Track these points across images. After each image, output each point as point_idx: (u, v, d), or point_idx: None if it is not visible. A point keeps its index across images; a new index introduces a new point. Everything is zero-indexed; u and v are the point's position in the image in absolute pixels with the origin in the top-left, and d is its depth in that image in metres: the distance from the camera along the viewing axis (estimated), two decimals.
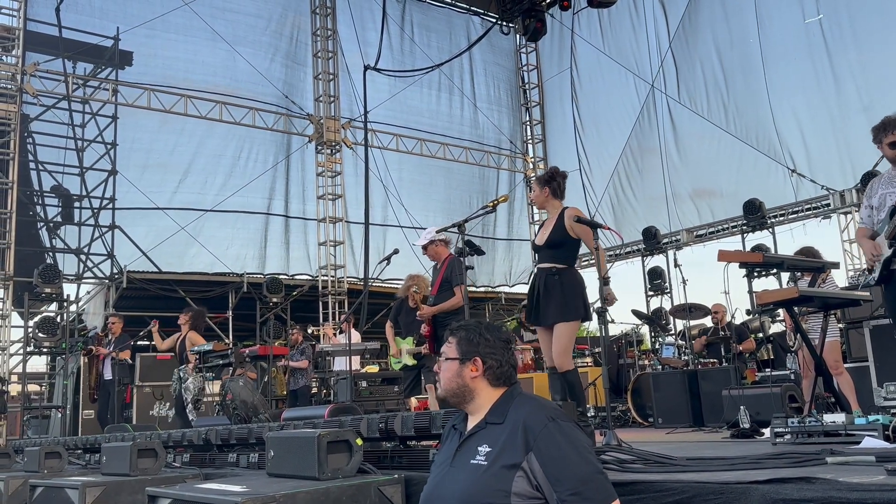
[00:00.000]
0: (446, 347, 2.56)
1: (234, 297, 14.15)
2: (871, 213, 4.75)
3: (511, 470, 2.20)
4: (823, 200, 13.54)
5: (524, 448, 2.21)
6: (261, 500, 2.87)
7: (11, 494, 5.03)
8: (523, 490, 2.18)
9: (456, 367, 2.48)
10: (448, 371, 2.50)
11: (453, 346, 2.53)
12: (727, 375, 7.84)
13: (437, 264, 6.75)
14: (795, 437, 4.02)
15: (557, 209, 5.33)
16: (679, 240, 15.47)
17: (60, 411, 11.62)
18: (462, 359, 2.48)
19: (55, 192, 13.56)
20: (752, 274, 5.26)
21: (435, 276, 6.69)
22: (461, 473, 2.32)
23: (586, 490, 2.13)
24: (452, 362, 2.50)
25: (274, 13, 16.04)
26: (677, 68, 15.93)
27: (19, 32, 13.04)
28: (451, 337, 2.57)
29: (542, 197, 5.41)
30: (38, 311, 12.84)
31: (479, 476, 2.25)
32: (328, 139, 16.04)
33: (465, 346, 2.50)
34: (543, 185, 5.42)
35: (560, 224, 5.21)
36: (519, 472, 2.19)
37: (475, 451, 2.32)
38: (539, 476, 2.17)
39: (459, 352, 2.50)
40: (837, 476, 2.42)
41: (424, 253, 6.76)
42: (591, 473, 2.18)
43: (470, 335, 2.51)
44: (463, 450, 2.38)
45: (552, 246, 5.21)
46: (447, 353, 2.53)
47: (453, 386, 2.48)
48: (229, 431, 5.13)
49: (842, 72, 13.29)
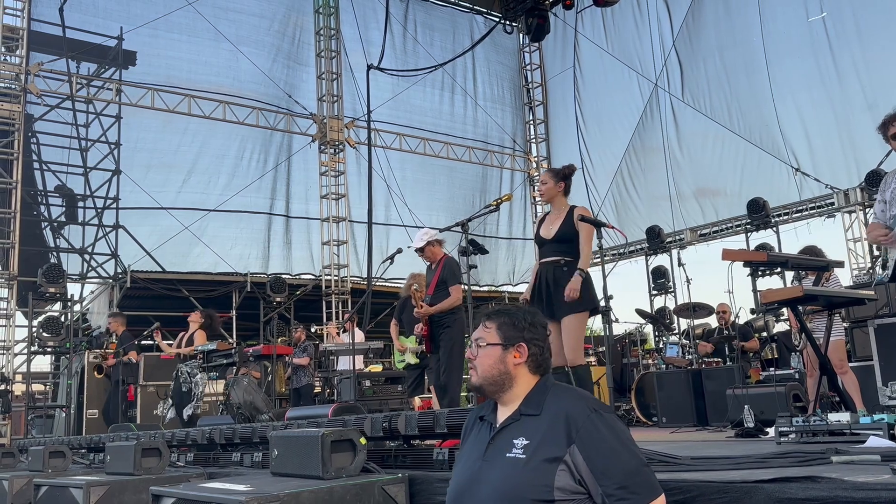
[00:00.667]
0: (483, 332, 2.40)
1: (238, 297, 14.17)
2: (884, 208, 4.72)
3: (553, 463, 2.11)
4: (827, 199, 13.51)
5: (566, 440, 2.12)
6: (265, 500, 2.87)
7: (16, 494, 5.05)
8: (566, 484, 2.10)
9: (498, 353, 2.34)
10: (489, 357, 2.35)
11: (492, 330, 2.38)
12: (731, 374, 7.84)
13: (431, 265, 6.73)
14: (800, 436, 4.01)
15: (564, 205, 5.41)
16: (683, 239, 15.44)
17: (64, 411, 11.64)
18: (505, 344, 2.35)
19: (59, 191, 13.58)
20: (757, 273, 5.26)
21: (430, 276, 6.68)
22: (496, 468, 2.21)
23: (633, 484, 2.06)
24: (494, 348, 2.35)
25: (277, 13, 16.05)
26: (681, 67, 15.91)
27: (23, 32, 13.05)
28: (488, 322, 2.41)
29: (556, 191, 5.45)
30: (42, 310, 12.87)
31: (518, 470, 2.15)
32: (331, 139, 16.05)
33: (510, 330, 2.36)
34: (560, 179, 5.47)
35: (570, 220, 5.29)
36: (561, 465, 2.10)
37: (510, 444, 2.22)
38: (583, 470, 2.09)
39: (502, 337, 2.36)
40: (842, 475, 2.41)
41: (421, 255, 6.73)
42: (638, 466, 2.10)
43: (514, 320, 2.38)
44: (496, 442, 2.27)
45: (562, 240, 5.27)
46: (486, 338, 2.38)
47: (494, 373, 2.34)
48: (233, 431, 5.14)
49: (846, 70, 13.25)
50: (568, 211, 5.35)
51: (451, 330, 6.37)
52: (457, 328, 6.41)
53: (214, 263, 14.36)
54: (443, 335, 6.39)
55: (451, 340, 6.36)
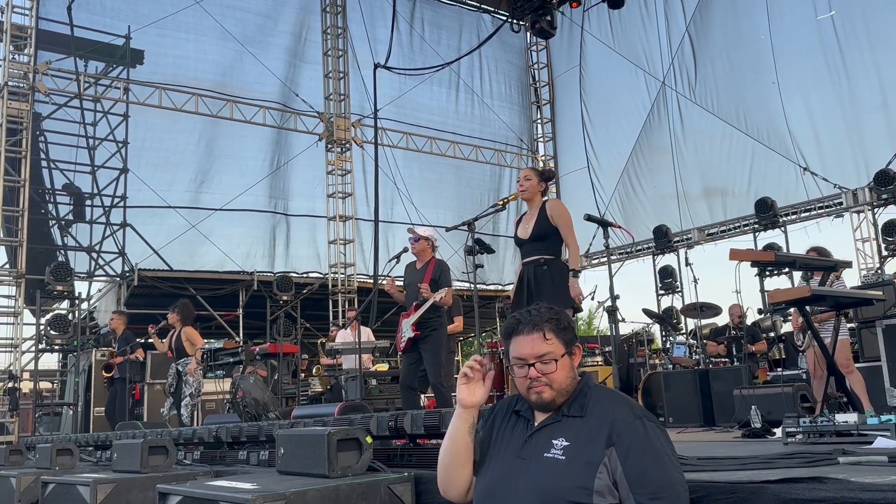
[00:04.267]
0: (544, 346, 2.19)
1: (245, 295, 14.20)
2: None
3: (593, 467, 2.05)
4: (836, 199, 13.43)
5: (606, 443, 2.06)
6: (271, 498, 2.87)
7: (24, 491, 5.07)
8: (604, 488, 2.04)
9: (568, 362, 2.20)
10: (563, 369, 2.18)
11: (553, 340, 2.19)
12: (738, 375, 7.80)
13: (417, 262, 6.61)
14: (807, 436, 4.00)
15: (539, 204, 5.49)
16: (690, 238, 15.40)
17: (72, 408, 11.70)
18: (568, 350, 2.21)
19: (67, 190, 13.63)
20: (764, 273, 5.23)
21: (415, 275, 6.53)
22: (534, 467, 2.13)
23: (667, 496, 1.99)
24: (564, 359, 2.19)
25: (284, 12, 16.09)
26: (687, 66, 15.86)
27: (31, 31, 13.10)
28: (546, 332, 2.20)
29: (538, 190, 5.54)
30: (49, 308, 12.91)
31: (558, 472, 2.08)
32: (338, 137, 16.06)
33: (566, 335, 2.21)
34: (543, 179, 5.58)
35: (542, 216, 5.36)
36: (600, 469, 2.04)
37: (549, 443, 2.14)
38: (618, 474, 2.03)
39: (563, 343, 2.20)
40: (849, 476, 2.40)
41: (413, 244, 6.56)
42: (672, 480, 2.03)
43: (562, 322, 2.22)
44: (533, 441, 2.19)
45: (538, 238, 5.34)
46: (553, 351, 2.18)
47: (569, 383, 2.20)
48: (240, 429, 5.16)
49: (854, 69, 13.19)
50: (540, 207, 5.42)
51: (437, 332, 6.26)
52: (443, 330, 6.37)
53: (221, 262, 14.40)
54: (429, 336, 6.23)
55: (439, 342, 6.26)
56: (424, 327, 6.26)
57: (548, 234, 5.31)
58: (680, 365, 9.82)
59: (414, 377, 6.35)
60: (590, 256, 17.29)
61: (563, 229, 5.33)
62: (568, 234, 5.32)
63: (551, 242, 5.33)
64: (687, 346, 10.34)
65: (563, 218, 5.34)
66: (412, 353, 6.32)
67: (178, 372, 8.62)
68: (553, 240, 5.34)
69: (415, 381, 6.37)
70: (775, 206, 13.35)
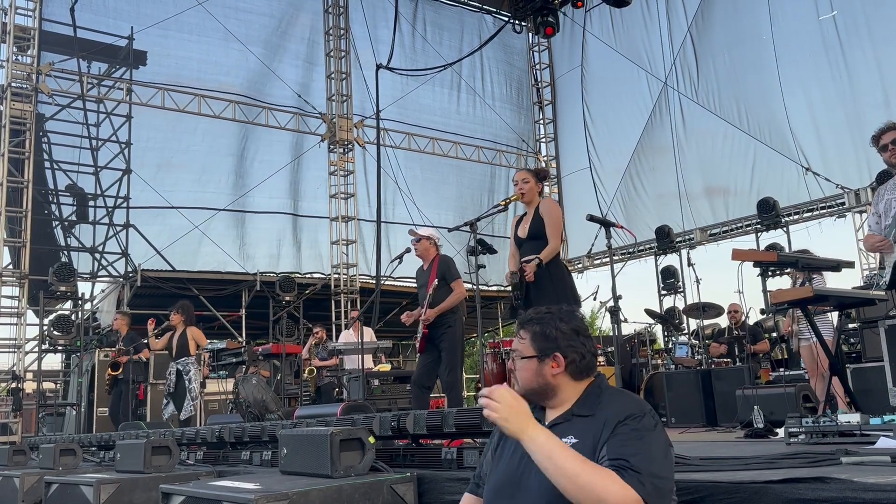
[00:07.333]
0: (519, 343, 2.29)
1: (247, 296, 14.20)
2: (878, 220, 4.76)
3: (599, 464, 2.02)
4: (838, 199, 13.40)
5: (609, 438, 2.06)
6: (274, 498, 2.88)
7: (27, 491, 5.08)
8: None
9: (534, 365, 2.24)
10: (526, 370, 2.25)
11: (527, 342, 2.27)
12: (741, 375, 7.80)
13: (423, 266, 6.58)
14: (809, 436, 4.00)
15: (536, 204, 5.57)
16: (692, 238, 15.38)
17: (75, 409, 11.72)
18: (540, 356, 2.23)
19: (70, 191, 13.65)
20: (767, 273, 5.24)
21: (424, 276, 6.49)
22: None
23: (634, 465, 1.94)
24: (529, 361, 2.24)
25: (286, 12, 16.11)
26: (689, 65, 15.85)
27: (34, 32, 13.13)
28: (522, 332, 2.29)
29: (536, 190, 5.62)
30: (53, 309, 12.94)
31: None
32: (340, 138, 16.07)
33: (542, 341, 2.24)
34: (539, 180, 5.68)
35: (538, 216, 5.45)
36: (604, 463, 2.02)
37: None
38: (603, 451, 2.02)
39: (536, 348, 2.24)
40: (852, 476, 2.40)
41: (415, 245, 6.53)
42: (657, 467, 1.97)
43: (545, 329, 2.25)
44: None
45: (534, 237, 5.40)
46: (521, 350, 2.27)
47: (534, 385, 2.24)
48: (242, 429, 5.16)
49: (857, 68, 13.16)
50: (536, 207, 5.50)
51: (453, 329, 6.19)
52: (458, 327, 6.28)
53: (224, 262, 14.42)
54: (445, 335, 6.18)
55: (455, 340, 6.21)
56: (439, 325, 6.20)
57: (543, 233, 5.38)
58: (682, 365, 9.82)
59: (427, 377, 6.31)
60: (592, 256, 17.28)
61: (549, 226, 5.36)
62: (552, 230, 5.35)
63: (547, 242, 5.38)
64: (689, 347, 10.34)
65: (550, 216, 5.41)
66: (428, 352, 6.30)
67: (179, 371, 8.63)
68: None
69: (428, 380, 6.34)
70: (777, 206, 13.32)
